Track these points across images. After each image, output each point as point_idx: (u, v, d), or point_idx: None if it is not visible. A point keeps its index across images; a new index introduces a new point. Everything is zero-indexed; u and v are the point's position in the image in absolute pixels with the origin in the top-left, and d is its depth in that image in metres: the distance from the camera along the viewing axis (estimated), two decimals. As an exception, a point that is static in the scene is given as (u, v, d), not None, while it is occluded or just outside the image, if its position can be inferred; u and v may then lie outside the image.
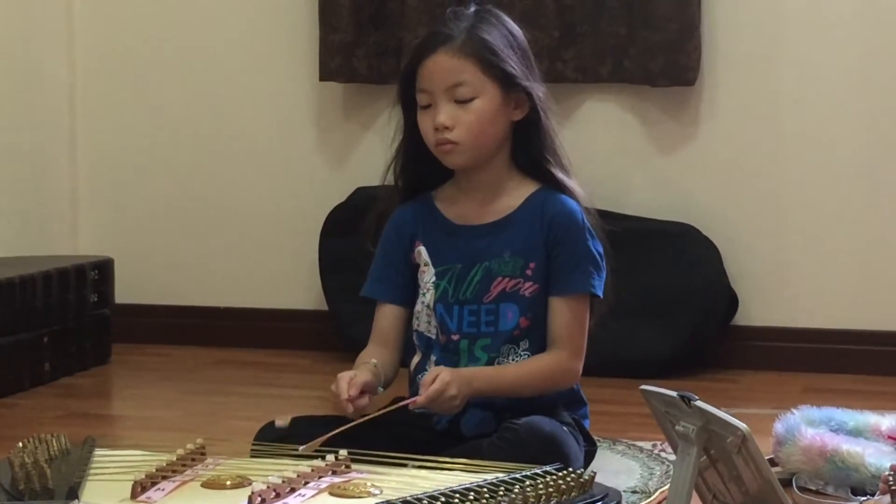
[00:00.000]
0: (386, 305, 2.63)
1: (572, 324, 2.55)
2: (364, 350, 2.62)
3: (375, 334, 2.63)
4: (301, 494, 2.17)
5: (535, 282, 2.55)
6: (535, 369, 2.53)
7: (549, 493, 2.10)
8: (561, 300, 2.55)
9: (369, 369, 2.51)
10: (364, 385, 2.44)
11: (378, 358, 2.55)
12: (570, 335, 2.55)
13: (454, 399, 2.43)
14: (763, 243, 3.86)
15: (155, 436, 3.09)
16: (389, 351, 2.60)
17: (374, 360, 2.54)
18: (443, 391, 2.41)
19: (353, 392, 2.41)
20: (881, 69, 3.76)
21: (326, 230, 4.02)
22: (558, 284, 2.55)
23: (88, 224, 4.32)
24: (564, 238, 2.55)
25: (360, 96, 4.06)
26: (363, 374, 2.46)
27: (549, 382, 2.55)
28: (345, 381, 2.42)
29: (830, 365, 3.76)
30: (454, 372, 2.46)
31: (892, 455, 2.52)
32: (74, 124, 4.29)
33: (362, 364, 2.54)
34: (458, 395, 2.43)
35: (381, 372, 2.53)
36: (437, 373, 2.44)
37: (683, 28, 3.77)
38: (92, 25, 4.27)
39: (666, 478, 2.69)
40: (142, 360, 4.03)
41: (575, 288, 2.55)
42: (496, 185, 2.60)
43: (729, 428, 2.00)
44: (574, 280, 2.55)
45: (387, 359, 2.58)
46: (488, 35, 2.53)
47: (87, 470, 2.30)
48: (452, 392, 2.42)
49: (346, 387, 2.41)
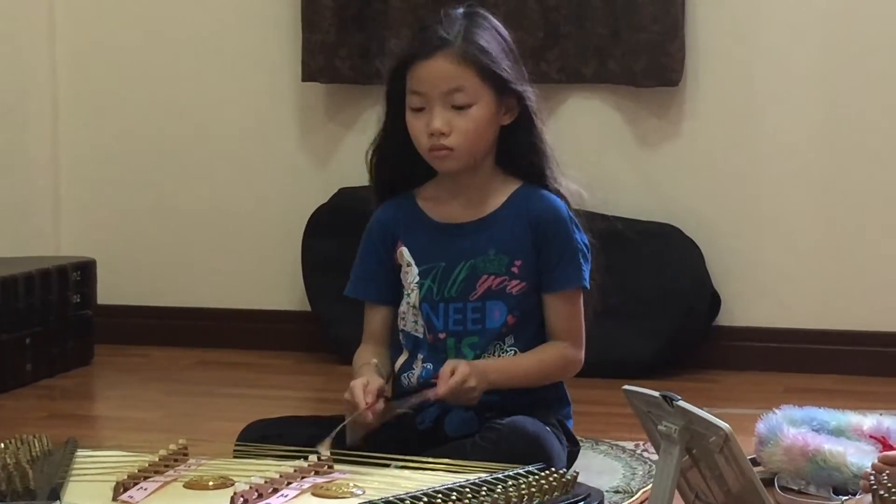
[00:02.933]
0: (374, 306, 2.64)
1: (571, 317, 2.58)
2: (359, 350, 2.63)
3: (368, 334, 2.65)
4: (283, 495, 2.17)
5: (523, 279, 2.56)
6: (542, 360, 2.56)
7: (531, 492, 2.11)
8: (555, 297, 2.57)
9: (374, 371, 2.52)
10: (378, 390, 2.44)
11: (376, 357, 2.57)
12: (570, 328, 2.58)
13: (473, 391, 2.45)
14: (746, 244, 3.87)
15: (137, 436, 3.09)
16: (384, 349, 2.62)
17: (374, 361, 2.55)
18: (463, 382, 2.43)
19: (370, 399, 2.41)
20: (859, 70, 3.77)
21: (309, 230, 4.02)
22: (551, 282, 2.57)
23: (70, 225, 4.30)
24: (552, 235, 2.56)
25: (343, 97, 4.06)
26: (375, 380, 2.46)
27: (556, 373, 2.58)
28: (360, 389, 2.41)
29: (812, 365, 3.77)
30: (472, 364, 2.47)
31: (874, 454, 2.53)
32: (56, 124, 4.27)
33: (365, 366, 2.54)
34: (476, 386, 2.45)
35: (382, 371, 2.55)
36: (454, 365, 2.45)
37: (667, 29, 3.78)
38: (73, 26, 4.25)
39: (648, 478, 2.69)
40: (124, 361, 4.02)
41: (567, 284, 2.57)
42: (482, 186, 2.60)
43: (711, 428, 2.01)
44: (566, 276, 2.56)
45: (383, 357, 2.60)
46: (484, 41, 2.53)
47: (70, 471, 2.30)
48: (472, 384, 2.44)
49: (362, 395, 2.41)
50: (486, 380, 2.47)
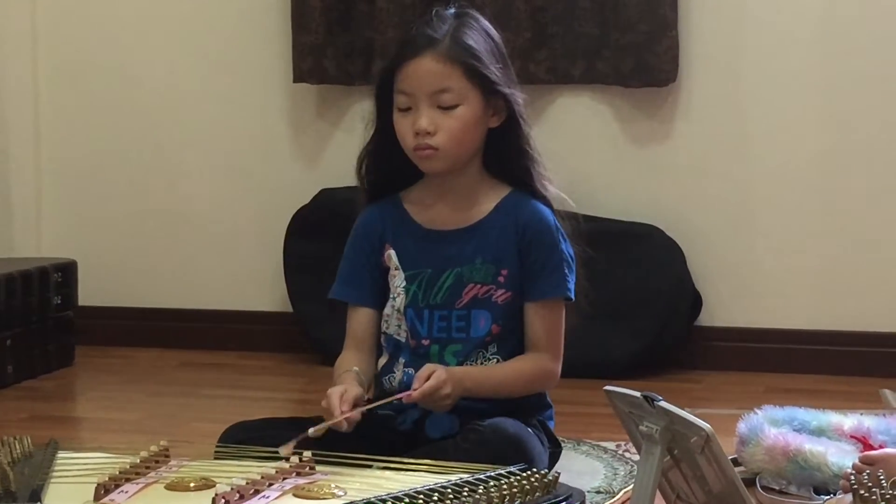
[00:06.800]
0: (358, 309, 2.62)
1: (550, 327, 2.56)
2: (341, 356, 2.60)
3: (351, 338, 2.62)
4: (265, 496, 2.17)
5: (508, 289, 2.55)
6: (520, 371, 2.54)
7: (513, 493, 2.11)
8: (537, 305, 2.56)
9: (354, 379, 2.50)
10: (355, 399, 2.42)
11: (357, 364, 2.55)
12: (548, 339, 2.56)
13: (447, 398, 2.43)
14: (727, 245, 3.87)
15: (118, 438, 3.08)
16: (366, 355, 2.60)
17: (355, 368, 2.53)
18: (438, 388, 2.42)
19: (346, 408, 2.39)
20: (846, 73, 3.78)
21: (291, 231, 4.01)
22: (534, 289, 2.56)
23: (51, 226, 4.29)
24: (537, 243, 2.55)
25: (331, 97, 4.05)
26: (352, 388, 2.45)
27: (532, 384, 2.56)
28: (336, 398, 2.40)
29: (793, 365, 3.78)
30: (449, 371, 2.45)
31: (855, 454, 2.53)
32: (37, 125, 4.26)
33: (345, 373, 2.53)
34: (451, 393, 2.43)
35: (364, 378, 2.53)
36: (431, 369, 2.44)
37: (655, 29, 3.78)
38: (56, 26, 4.24)
39: (630, 478, 2.70)
40: (105, 363, 4.01)
41: (551, 293, 2.56)
42: (469, 190, 2.59)
43: (692, 428, 2.01)
44: (550, 285, 2.55)
45: (365, 364, 2.58)
46: (472, 41, 2.52)
47: (50, 472, 2.30)
48: (447, 390, 2.43)
49: (338, 403, 2.39)
50: (462, 387, 2.45)
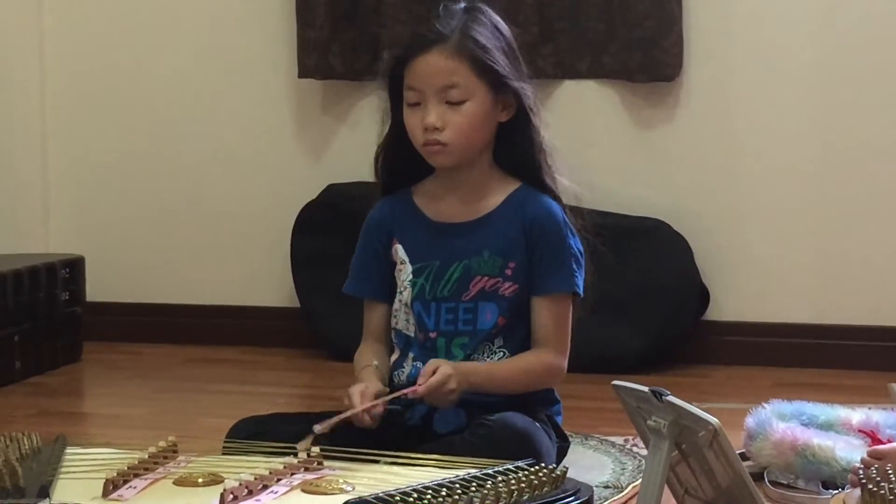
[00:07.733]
0: (373, 302, 2.63)
1: (556, 323, 2.55)
2: (360, 349, 2.62)
3: (368, 332, 2.63)
4: (273, 491, 2.17)
5: (515, 282, 2.55)
6: (526, 367, 2.54)
7: (521, 488, 2.11)
8: (544, 299, 2.55)
9: (374, 374, 2.51)
10: (375, 395, 2.43)
11: (376, 356, 2.56)
12: (554, 334, 2.55)
13: (452, 393, 2.44)
14: (734, 239, 3.87)
15: (126, 434, 3.09)
16: (384, 347, 2.61)
17: (375, 363, 2.54)
18: (443, 383, 2.42)
19: (367, 404, 2.40)
20: (851, 66, 3.77)
21: (298, 227, 4.01)
22: (541, 284, 2.55)
23: (59, 222, 4.30)
24: (545, 238, 2.55)
25: (337, 93, 4.05)
26: (373, 384, 2.46)
27: (538, 380, 2.56)
28: (357, 395, 2.41)
29: (801, 359, 3.78)
30: (455, 366, 2.46)
31: (863, 449, 2.53)
32: (45, 121, 4.27)
33: (366, 368, 2.54)
34: (456, 388, 2.44)
35: (384, 372, 2.54)
36: (437, 365, 2.44)
37: (661, 24, 3.78)
38: (63, 22, 4.25)
39: (638, 472, 2.70)
40: (113, 359, 4.02)
41: (558, 287, 2.55)
42: (479, 184, 2.59)
43: (700, 422, 2.01)
44: (557, 279, 2.55)
45: (383, 356, 2.59)
46: (481, 36, 2.52)
47: (59, 468, 2.30)
48: (452, 386, 2.43)
49: (359, 400, 2.41)
50: (467, 382, 2.46)
